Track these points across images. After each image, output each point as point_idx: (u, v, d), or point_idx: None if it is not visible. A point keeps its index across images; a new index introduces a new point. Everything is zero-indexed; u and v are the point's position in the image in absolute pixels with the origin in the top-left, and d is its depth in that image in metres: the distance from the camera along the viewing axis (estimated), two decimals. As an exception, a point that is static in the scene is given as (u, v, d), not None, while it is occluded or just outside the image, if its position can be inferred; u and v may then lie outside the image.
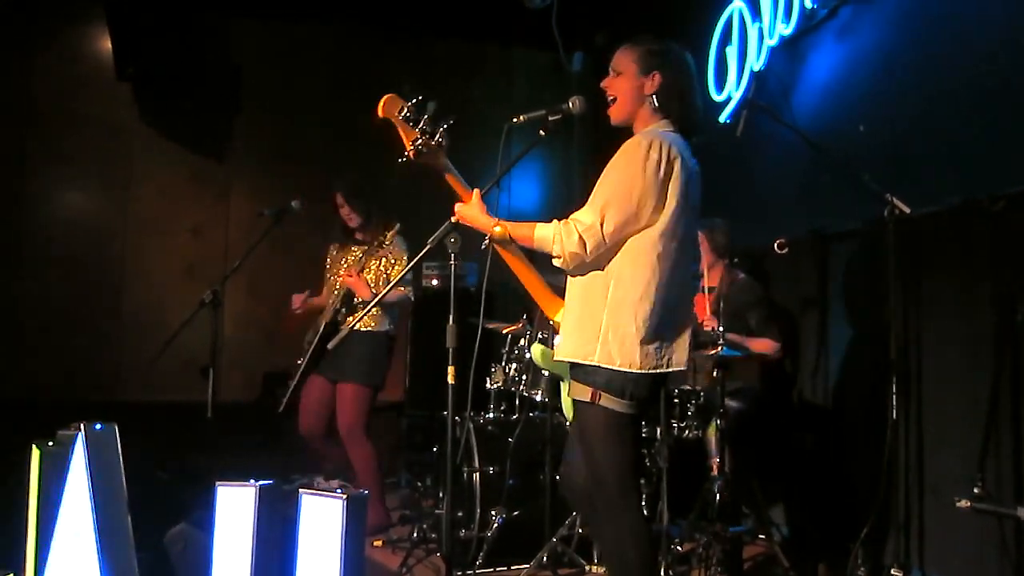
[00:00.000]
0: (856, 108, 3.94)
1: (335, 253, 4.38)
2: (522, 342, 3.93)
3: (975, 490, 2.85)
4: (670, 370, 2.41)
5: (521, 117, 2.52)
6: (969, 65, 3.33)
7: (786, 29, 4.39)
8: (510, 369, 3.93)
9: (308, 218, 4.47)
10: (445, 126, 2.45)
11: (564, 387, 2.67)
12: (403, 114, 2.40)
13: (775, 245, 3.65)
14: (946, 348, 3.33)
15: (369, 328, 4.18)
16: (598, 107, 2.63)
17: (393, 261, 4.21)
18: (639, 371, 2.34)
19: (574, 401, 2.45)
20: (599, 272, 2.41)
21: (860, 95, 3.95)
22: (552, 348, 2.65)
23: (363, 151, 6.31)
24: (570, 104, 2.50)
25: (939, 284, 3.39)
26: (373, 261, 4.20)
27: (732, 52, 4.77)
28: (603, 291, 2.39)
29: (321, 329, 4.14)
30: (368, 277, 4.17)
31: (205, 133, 6.25)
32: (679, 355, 2.42)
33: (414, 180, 6.35)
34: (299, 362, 4.18)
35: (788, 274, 4.34)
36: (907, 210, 3.09)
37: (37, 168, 5.88)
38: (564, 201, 6.34)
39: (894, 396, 3.12)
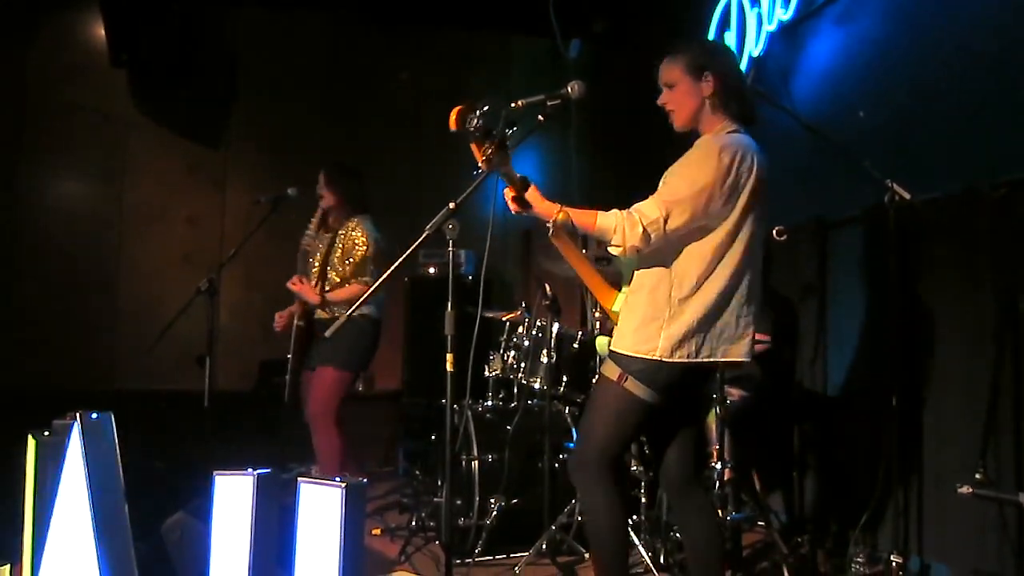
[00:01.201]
0: (856, 94, 3.92)
1: (312, 235, 4.28)
2: (520, 330, 3.93)
3: (976, 476, 2.85)
4: (722, 359, 2.46)
5: (520, 102, 2.49)
6: (969, 50, 3.31)
7: (785, 14, 4.37)
8: (508, 357, 3.92)
9: (305, 206, 4.44)
10: (510, 132, 2.41)
11: None
12: (476, 125, 2.35)
13: (774, 232, 3.63)
14: (947, 334, 3.32)
15: (356, 313, 4.02)
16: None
17: (355, 245, 4.02)
18: (689, 361, 2.40)
19: (600, 375, 2.53)
20: (665, 270, 2.44)
21: (860, 81, 3.93)
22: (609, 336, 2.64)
23: (360, 139, 6.31)
24: (569, 89, 2.48)
25: (940, 270, 3.38)
26: (336, 252, 4.06)
27: (731, 38, 4.75)
28: (667, 290, 2.43)
29: (296, 324, 4.05)
30: (332, 275, 4.04)
31: (201, 121, 6.22)
32: (739, 348, 2.47)
33: (414, 169, 6.38)
34: (288, 355, 4.12)
35: (787, 261, 4.32)
36: (907, 196, 3.08)
37: (31, 157, 5.84)
38: (562, 186, 6.32)
39: (893, 382, 3.11)
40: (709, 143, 2.44)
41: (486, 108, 2.34)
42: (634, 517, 3.60)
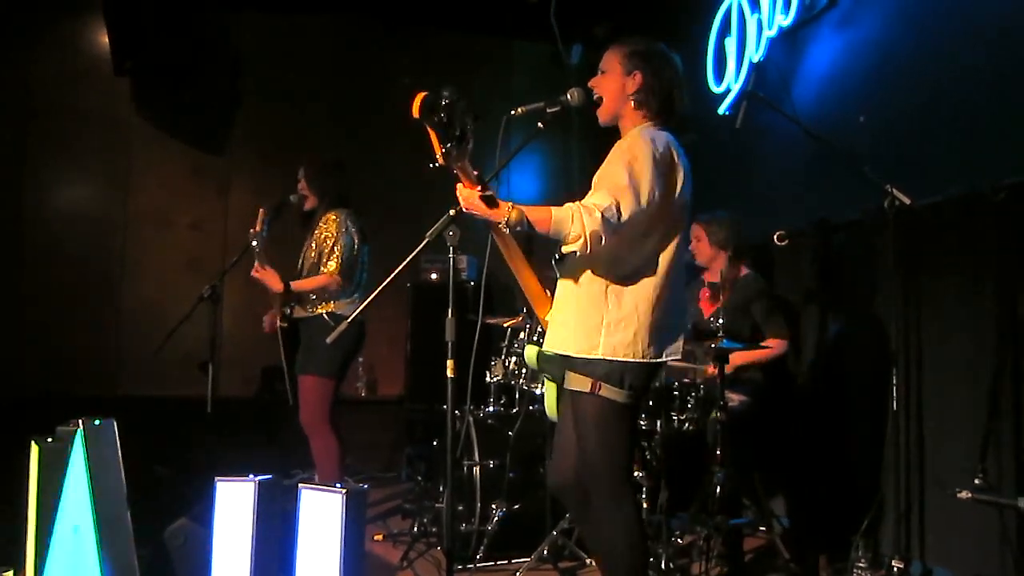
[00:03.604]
0: (856, 99, 3.92)
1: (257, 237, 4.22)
2: (522, 336, 3.93)
3: (976, 481, 2.85)
4: (669, 359, 2.46)
5: (520, 109, 2.50)
6: (970, 54, 3.31)
7: (785, 20, 4.38)
8: (510, 363, 3.92)
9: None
10: (471, 126, 2.30)
11: (549, 386, 2.66)
12: (438, 118, 2.23)
13: (775, 237, 3.64)
14: (947, 339, 3.33)
15: (317, 312, 3.95)
16: (595, 109, 2.63)
17: (326, 237, 3.96)
18: (640, 360, 2.38)
19: (571, 392, 2.46)
20: (596, 265, 2.42)
21: (860, 85, 3.94)
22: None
23: (363, 144, 6.33)
24: (569, 96, 2.49)
25: (940, 275, 3.38)
26: (312, 248, 4.01)
27: (731, 43, 4.75)
28: (602, 284, 2.42)
29: (280, 328, 4.01)
30: (310, 258, 3.99)
31: (204, 127, 6.24)
32: (677, 344, 2.47)
33: (416, 174, 6.38)
34: (283, 357, 4.09)
35: (788, 266, 4.33)
36: (907, 201, 3.08)
37: (37, 162, 5.87)
38: (563, 193, 6.33)
39: (895, 387, 3.12)
40: (635, 136, 2.44)
41: (454, 99, 2.21)
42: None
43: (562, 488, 2.64)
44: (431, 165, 2.30)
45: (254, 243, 3.97)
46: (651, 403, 3.52)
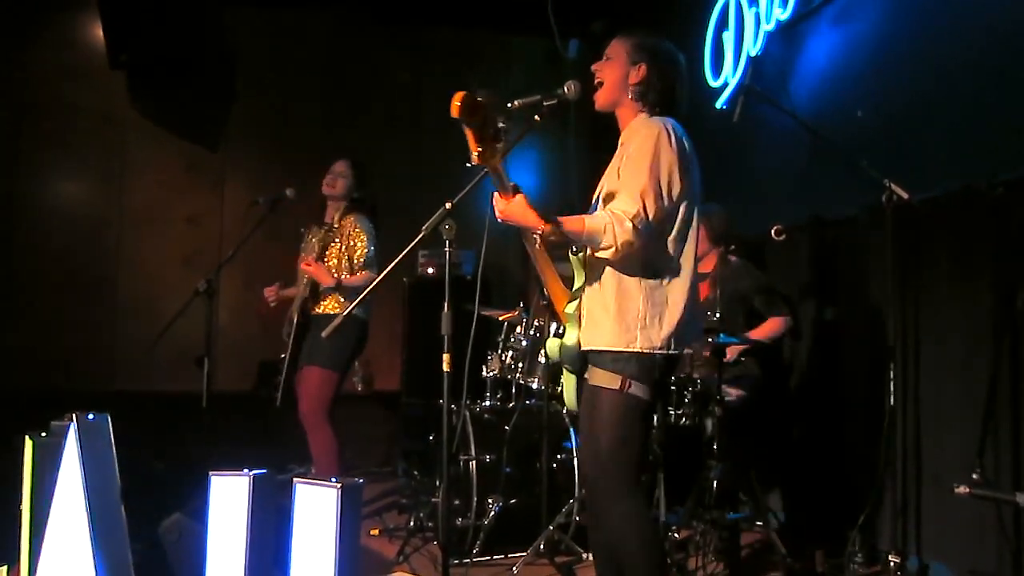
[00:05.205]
0: (854, 93, 3.92)
1: (307, 236, 4.30)
2: (518, 330, 3.92)
3: (973, 476, 2.84)
4: (685, 350, 2.49)
5: (516, 102, 2.48)
6: (968, 50, 3.31)
7: (783, 14, 4.37)
8: (506, 357, 3.92)
9: (303, 206, 4.44)
10: (503, 126, 2.35)
11: (568, 378, 2.64)
12: (476, 118, 2.26)
13: (772, 231, 3.63)
14: (945, 334, 3.32)
15: (335, 312, 4.05)
16: (594, 93, 2.62)
17: (354, 243, 4.08)
18: (671, 352, 2.40)
19: (593, 388, 2.43)
20: (635, 263, 2.41)
21: (858, 80, 3.93)
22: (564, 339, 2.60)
23: (359, 139, 6.31)
24: (565, 89, 2.47)
25: (938, 270, 3.37)
26: (333, 245, 4.11)
27: (729, 37, 4.75)
28: (635, 280, 2.40)
29: (295, 320, 4.06)
30: (331, 263, 4.07)
31: (199, 122, 6.22)
32: (692, 336, 2.55)
33: (412, 169, 6.38)
34: (283, 355, 4.11)
35: (786, 260, 4.33)
36: (905, 196, 3.08)
37: (30, 158, 5.84)
38: (561, 186, 6.32)
39: (892, 382, 3.11)
40: (650, 130, 2.42)
41: (489, 99, 2.27)
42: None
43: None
44: (467, 164, 2.31)
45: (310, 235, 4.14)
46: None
